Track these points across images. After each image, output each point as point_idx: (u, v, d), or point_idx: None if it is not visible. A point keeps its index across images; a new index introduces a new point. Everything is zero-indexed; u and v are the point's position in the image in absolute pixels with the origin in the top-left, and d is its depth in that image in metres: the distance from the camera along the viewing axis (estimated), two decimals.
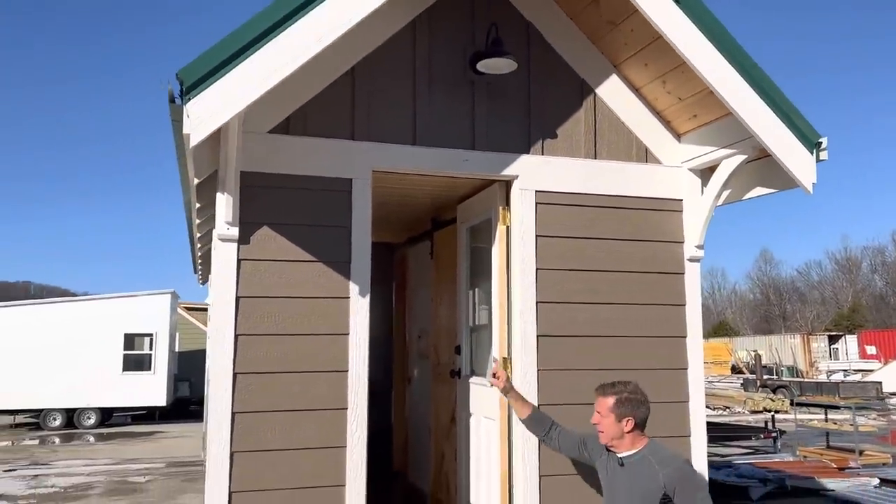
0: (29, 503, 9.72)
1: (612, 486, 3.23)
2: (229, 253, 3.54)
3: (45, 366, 19.02)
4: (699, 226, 4.17)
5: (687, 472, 3.12)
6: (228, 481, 3.39)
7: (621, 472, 3.18)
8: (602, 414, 3.20)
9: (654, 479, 3.04)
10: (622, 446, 3.19)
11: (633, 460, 3.16)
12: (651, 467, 3.08)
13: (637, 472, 3.12)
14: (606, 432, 3.18)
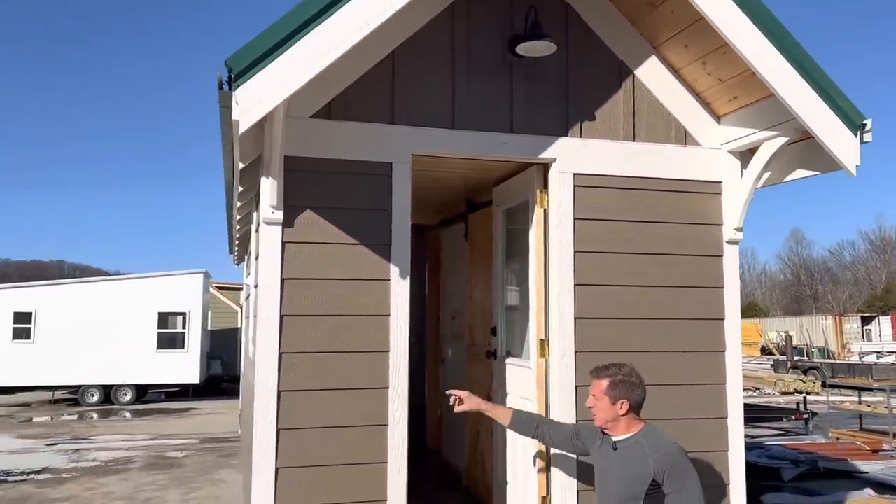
0: (72, 476, 10.03)
1: (605, 471, 3.19)
2: (274, 236, 3.61)
3: (82, 343, 19.50)
4: (738, 208, 4.16)
5: (678, 458, 3.04)
6: (275, 457, 3.49)
7: (614, 457, 3.14)
8: (596, 397, 3.16)
9: (644, 464, 3.00)
10: (617, 430, 3.15)
11: (627, 444, 3.11)
12: (642, 451, 3.03)
13: (629, 456, 3.07)
14: (600, 415, 3.14)
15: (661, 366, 4.05)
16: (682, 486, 2.96)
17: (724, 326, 4.19)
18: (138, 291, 20.20)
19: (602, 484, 3.19)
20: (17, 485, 9.47)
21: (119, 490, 9.08)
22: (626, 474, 3.02)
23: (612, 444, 3.16)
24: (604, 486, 3.17)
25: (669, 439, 3.13)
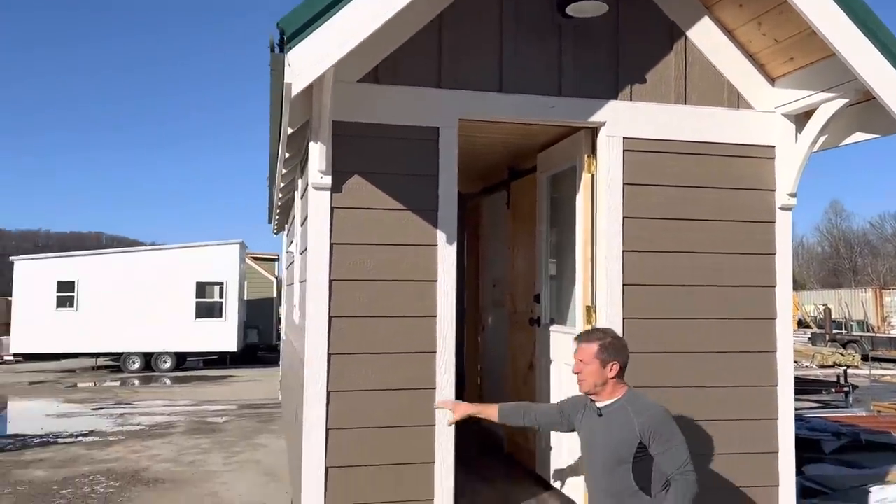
0: (118, 438, 10.32)
1: (592, 439, 3.12)
2: (323, 201, 3.62)
3: (123, 311, 19.95)
4: (792, 173, 4.06)
5: (663, 419, 2.99)
6: (325, 419, 3.54)
7: (599, 423, 3.08)
8: (585, 361, 3.08)
9: (630, 428, 2.96)
10: (603, 395, 3.08)
11: (611, 409, 3.06)
12: (627, 415, 2.99)
13: (614, 420, 3.03)
14: (589, 379, 3.06)
15: (710, 333, 4.00)
16: (669, 447, 2.92)
17: (776, 294, 4.12)
18: (176, 261, 20.55)
19: (589, 452, 3.13)
20: (67, 446, 9.78)
21: (164, 453, 9.32)
22: (612, 439, 2.99)
23: (596, 410, 3.10)
24: (591, 454, 3.11)
25: (653, 402, 3.10)
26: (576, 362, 3.12)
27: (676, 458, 2.91)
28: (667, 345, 3.96)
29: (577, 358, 3.11)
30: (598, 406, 3.09)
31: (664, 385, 3.90)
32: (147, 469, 8.38)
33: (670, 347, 3.96)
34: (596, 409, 3.10)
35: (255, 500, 7.08)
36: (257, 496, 7.21)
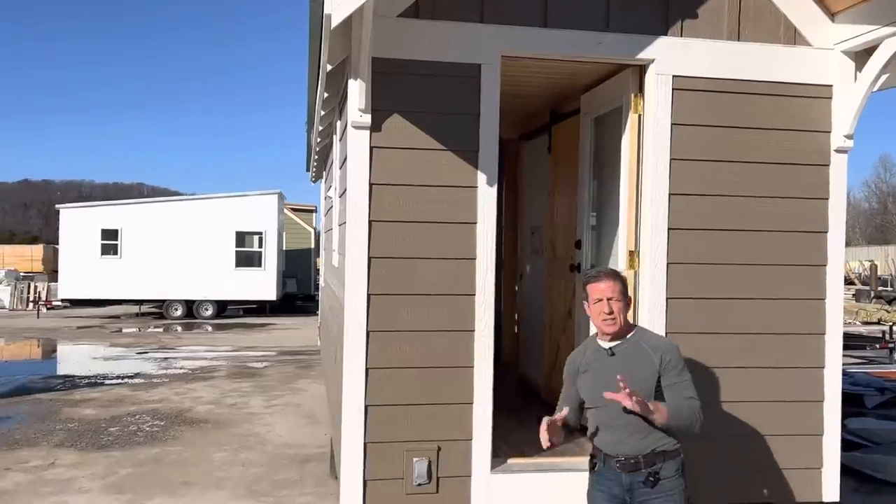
0: (162, 381, 10.62)
1: (604, 379, 2.89)
2: (362, 140, 3.57)
3: (166, 259, 20.38)
4: (850, 114, 3.87)
5: (677, 352, 2.96)
6: (365, 358, 3.55)
7: (612, 363, 2.94)
8: (616, 298, 2.95)
9: (651, 364, 2.91)
10: (619, 334, 2.99)
11: (624, 347, 2.98)
12: (644, 351, 2.94)
13: (631, 358, 2.93)
14: (619, 318, 2.95)
15: (757, 279, 3.90)
16: (681, 379, 2.90)
17: (827, 240, 3.98)
18: (216, 211, 20.82)
19: (602, 392, 2.82)
20: (113, 387, 10.11)
21: (206, 395, 9.57)
22: (633, 377, 2.82)
23: (606, 351, 2.99)
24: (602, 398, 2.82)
25: (662, 336, 3.07)
26: (605, 302, 2.95)
27: (687, 388, 2.90)
28: (712, 291, 3.87)
29: (607, 297, 2.96)
30: (609, 346, 3.00)
31: (710, 331, 3.83)
32: (190, 410, 8.63)
33: (715, 294, 3.87)
34: (606, 350, 3.00)
35: (295, 440, 7.25)
36: (297, 437, 7.38)
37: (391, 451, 3.59)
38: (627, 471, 2.91)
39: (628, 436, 2.90)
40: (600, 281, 3.00)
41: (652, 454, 2.90)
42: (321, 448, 6.83)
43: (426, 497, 3.61)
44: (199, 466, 6.30)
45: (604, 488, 2.99)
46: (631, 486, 2.91)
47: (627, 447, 2.91)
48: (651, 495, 2.88)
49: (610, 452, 2.95)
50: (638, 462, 2.89)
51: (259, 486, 5.79)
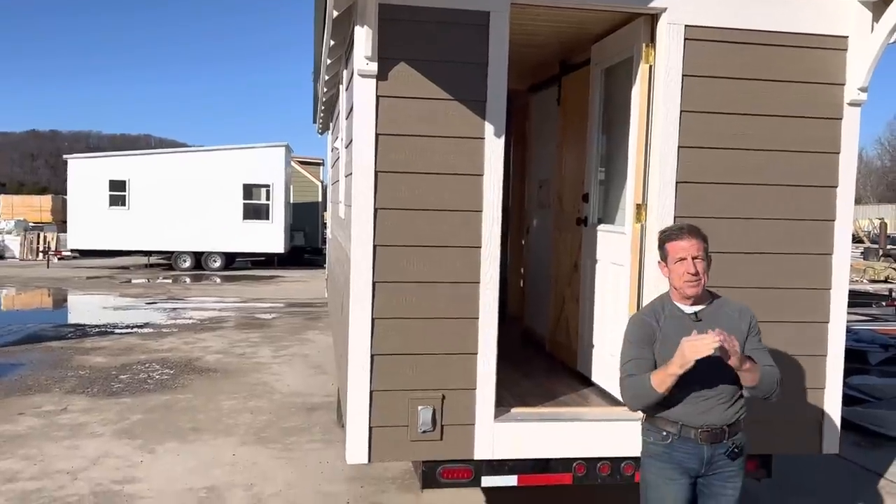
0: (171, 331, 10.76)
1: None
2: (368, 89, 3.53)
3: (174, 211, 20.44)
4: (865, 66, 3.80)
5: (756, 319, 2.84)
6: (371, 308, 3.58)
7: (696, 329, 2.68)
8: (700, 257, 2.75)
9: (740, 329, 2.76)
10: (702, 297, 2.79)
11: (710, 311, 2.80)
12: (731, 316, 2.78)
13: (720, 323, 2.71)
14: (704, 278, 2.75)
15: (764, 234, 3.88)
16: (762, 343, 2.81)
17: (837, 195, 3.94)
18: (224, 163, 20.78)
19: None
20: (123, 336, 10.25)
21: (215, 345, 9.70)
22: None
23: (690, 316, 2.78)
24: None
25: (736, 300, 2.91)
26: (689, 261, 2.72)
27: (768, 356, 2.79)
28: (720, 245, 3.83)
29: (692, 255, 2.73)
30: (694, 310, 2.78)
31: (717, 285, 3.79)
32: (199, 359, 8.76)
33: (723, 248, 3.84)
34: (690, 315, 2.78)
35: (303, 389, 7.37)
36: (305, 386, 7.50)
37: (396, 399, 3.64)
38: (711, 442, 2.73)
39: (717, 404, 2.73)
40: (682, 238, 2.76)
41: (735, 424, 2.78)
42: (328, 397, 6.94)
43: (430, 444, 3.67)
44: (208, 413, 6.43)
45: (674, 463, 2.77)
46: (711, 459, 2.75)
47: (714, 416, 2.73)
48: (730, 467, 2.77)
49: (692, 423, 2.73)
50: (723, 432, 2.74)
51: (267, 433, 5.91)
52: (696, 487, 2.80)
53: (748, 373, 2.64)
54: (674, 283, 2.80)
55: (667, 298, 2.87)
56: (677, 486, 2.76)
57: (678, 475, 2.76)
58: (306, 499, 4.61)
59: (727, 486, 2.77)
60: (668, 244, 2.79)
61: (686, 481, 2.77)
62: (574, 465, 3.79)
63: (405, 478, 4.94)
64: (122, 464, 5.15)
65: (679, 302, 2.82)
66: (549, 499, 4.49)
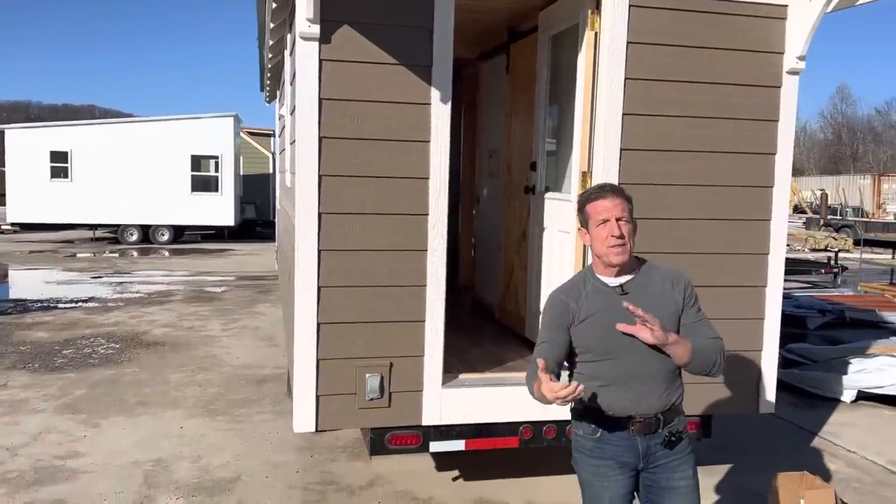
0: (118, 305, 10.51)
1: (611, 327, 2.37)
2: (311, 52, 3.45)
3: (120, 183, 19.90)
4: (803, 35, 3.87)
5: (692, 285, 2.52)
6: (317, 276, 3.55)
7: (623, 305, 2.35)
8: (626, 219, 2.39)
9: (673, 301, 2.46)
10: (626, 267, 2.44)
11: (637, 283, 2.45)
12: (663, 287, 2.46)
13: (649, 295, 2.43)
14: (630, 243, 2.40)
15: (707, 200, 3.95)
16: (701, 312, 2.51)
17: (775, 162, 4.04)
18: (171, 133, 20.24)
19: (619, 337, 2.37)
20: (67, 311, 9.97)
21: (163, 318, 9.53)
22: (657, 317, 2.34)
23: (615, 290, 2.44)
24: (624, 339, 2.37)
25: (671, 266, 2.58)
26: (612, 223, 2.36)
27: (709, 326, 2.49)
28: (662, 211, 3.92)
29: (615, 216, 2.37)
30: (619, 282, 2.44)
31: (660, 251, 3.88)
32: (147, 333, 8.59)
33: (666, 214, 3.92)
34: (615, 288, 2.44)
35: (253, 362, 7.30)
36: (256, 359, 7.43)
37: (343, 368, 3.63)
38: (644, 433, 2.43)
39: (650, 391, 2.42)
40: (605, 197, 2.40)
41: (671, 410, 2.47)
42: (279, 369, 6.89)
43: (378, 411, 3.68)
44: (155, 387, 6.32)
45: (607, 458, 2.47)
46: (648, 451, 2.45)
47: (647, 405, 2.42)
48: (669, 457, 2.46)
49: (622, 413, 2.43)
50: (658, 421, 2.43)
51: (216, 406, 5.85)
52: (639, 480, 2.51)
53: (675, 347, 2.34)
54: (596, 251, 2.43)
55: (589, 272, 2.52)
56: (614, 484, 2.46)
57: (613, 471, 2.46)
58: (255, 469, 4.59)
59: (674, 477, 2.46)
60: (589, 205, 2.43)
61: (624, 477, 2.47)
62: (520, 429, 3.85)
63: (356, 446, 4.96)
64: (65, 439, 5.04)
65: (602, 274, 2.47)
66: (497, 462, 4.56)
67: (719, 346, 2.46)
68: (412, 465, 4.65)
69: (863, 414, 6.10)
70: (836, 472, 4.81)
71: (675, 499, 2.46)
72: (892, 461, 5.01)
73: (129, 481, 4.36)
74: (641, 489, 2.54)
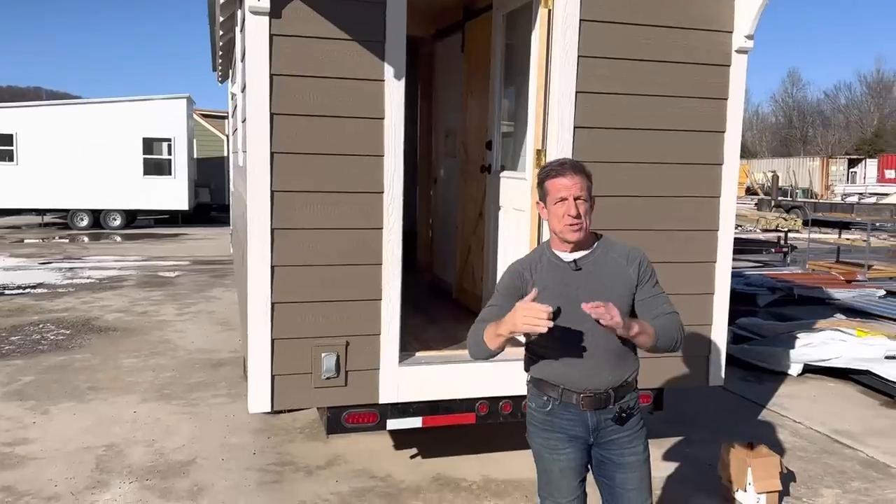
0: (68, 290, 10.25)
1: (572, 296, 2.38)
2: (261, 27, 3.39)
3: (69, 167, 19.35)
4: (752, 13, 3.93)
5: (649, 259, 2.53)
6: (270, 255, 3.51)
7: (579, 279, 2.42)
8: (583, 197, 2.39)
9: (627, 278, 2.46)
10: (583, 243, 2.46)
11: (592, 260, 2.47)
12: (617, 264, 2.47)
13: (603, 272, 2.45)
14: (586, 221, 2.40)
15: (659, 177, 4.02)
16: (658, 287, 2.51)
17: (725, 139, 4.11)
18: (121, 116, 19.71)
19: (574, 312, 2.34)
20: (14, 297, 9.69)
21: (115, 304, 9.32)
22: (609, 293, 2.38)
23: (569, 265, 2.45)
24: (578, 313, 2.30)
25: (628, 245, 2.56)
26: (570, 202, 2.37)
27: (666, 301, 2.51)
28: (615, 188, 3.96)
29: (573, 195, 2.37)
30: (574, 258, 2.46)
31: (612, 227, 3.91)
32: (98, 318, 8.40)
33: (618, 191, 3.97)
34: (569, 263, 2.46)
35: (208, 346, 7.20)
36: (211, 343, 7.33)
37: (299, 347, 3.61)
38: (594, 408, 2.45)
39: (601, 366, 2.43)
40: (564, 175, 2.38)
41: (623, 386, 2.48)
42: (235, 353, 6.81)
43: (335, 390, 3.67)
44: (106, 373, 6.20)
45: (558, 431, 2.49)
46: (598, 426, 2.47)
47: (599, 380, 2.44)
48: (620, 433, 2.48)
49: (575, 387, 2.44)
50: (609, 396, 2.45)
51: (170, 390, 5.76)
52: (590, 454, 2.55)
53: (640, 336, 2.36)
54: (553, 227, 2.44)
55: (546, 247, 2.54)
56: (564, 456, 2.49)
57: (564, 444, 2.48)
58: (211, 451, 4.54)
59: (626, 453, 2.48)
60: (548, 181, 2.41)
61: (573, 450, 2.49)
62: (477, 405, 3.88)
63: (313, 427, 4.94)
64: (13, 426, 4.91)
65: (558, 249, 2.48)
66: (454, 439, 4.59)
67: (677, 322, 2.49)
68: (370, 445, 4.66)
69: (809, 386, 6.29)
70: (783, 441, 4.97)
71: (625, 474, 2.50)
72: (835, 430, 5.19)
73: (80, 467, 4.28)
74: (594, 464, 2.57)
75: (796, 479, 4.32)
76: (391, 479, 4.21)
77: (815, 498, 4.09)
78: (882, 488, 4.25)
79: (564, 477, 2.50)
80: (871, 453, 4.78)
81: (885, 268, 12.22)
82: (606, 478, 2.54)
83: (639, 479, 2.50)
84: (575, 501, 2.52)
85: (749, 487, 3.82)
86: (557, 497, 2.52)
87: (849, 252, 13.84)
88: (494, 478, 4.23)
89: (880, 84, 63.06)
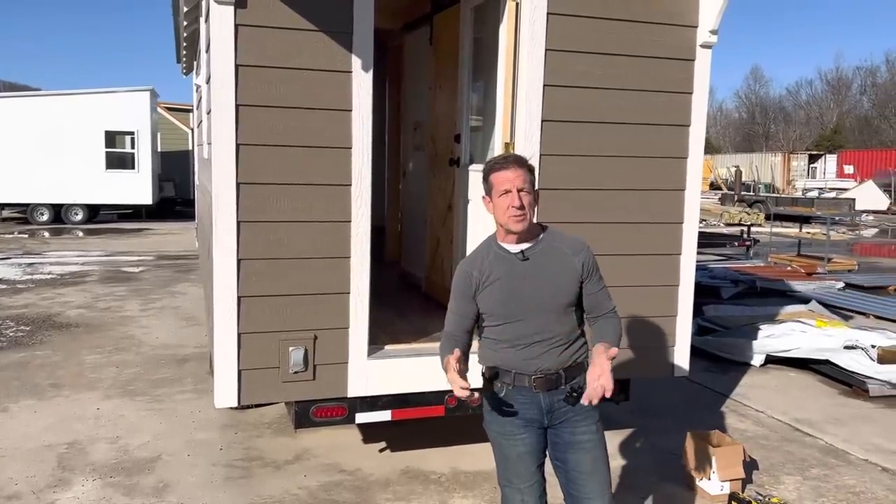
0: (28, 286, 10.03)
1: (519, 286, 2.49)
2: (227, 17, 3.34)
3: (30, 160, 18.90)
4: (716, 9, 3.99)
5: (593, 254, 2.59)
6: (236, 249, 3.46)
7: (527, 268, 2.50)
8: (526, 190, 2.44)
9: (572, 269, 2.53)
10: (526, 234, 2.51)
11: (538, 250, 2.53)
12: (563, 255, 2.53)
13: (549, 262, 2.52)
14: (529, 213, 2.47)
15: (623, 171, 4.05)
16: (601, 283, 2.60)
17: (689, 133, 4.17)
18: (83, 108, 19.31)
19: (520, 301, 2.48)
20: None
21: (77, 299, 9.15)
22: (555, 284, 2.49)
23: (516, 256, 2.52)
24: (526, 303, 2.48)
25: (576, 236, 2.64)
26: (514, 194, 2.43)
27: (608, 298, 2.60)
28: (584, 181, 4.00)
29: (517, 187, 2.43)
30: (521, 249, 2.52)
31: (578, 221, 3.96)
32: (60, 314, 8.24)
33: (584, 185, 4.00)
34: (515, 254, 2.52)
35: (173, 342, 7.10)
36: (176, 338, 7.23)
37: (266, 341, 3.57)
38: (546, 389, 2.51)
39: (551, 347, 2.51)
40: (507, 168, 2.46)
41: (572, 367, 2.55)
42: (201, 348, 6.73)
43: (303, 384, 3.65)
44: (68, 369, 6.08)
45: (514, 416, 2.55)
46: (552, 408, 2.53)
47: (548, 361, 2.51)
48: (575, 414, 2.53)
49: (526, 370, 2.51)
50: (559, 377, 2.52)
51: (134, 386, 5.67)
52: (546, 438, 2.60)
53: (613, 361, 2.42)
54: (498, 219, 2.50)
55: (492, 240, 2.59)
56: (520, 441, 2.54)
57: (519, 430, 2.54)
58: (177, 448, 4.48)
59: (577, 432, 2.53)
60: (493, 175, 2.48)
61: (529, 435, 2.55)
62: (446, 398, 3.88)
63: (281, 422, 4.90)
64: None
65: (504, 241, 2.54)
66: (423, 433, 4.59)
67: (618, 321, 2.62)
68: (339, 439, 4.64)
69: (771, 376, 6.43)
70: (746, 430, 5.06)
71: (578, 453, 2.54)
72: (796, 419, 5.31)
73: (41, 465, 4.19)
74: (550, 447, 2.62)
75: (759, 466, 4.41)
76: (360, 472, 4.20)
77: (777, 485, 4.18)
78: (840, 475, 4.36)
79: (522, 462, 2.55)
80: (830, 441, 4.90)
81: (843, 261, 12.52)
82: (560, 460, 2.58)
83: (592, 461, 2.54)
84: (534, 486, 2.56)
85: (713, 475, 3.89)
86: (516, 482, 2.56)
87: (809, 245, 14.16)
88: (464, 469, 4.25)
89: (839, 81, 64.49)
